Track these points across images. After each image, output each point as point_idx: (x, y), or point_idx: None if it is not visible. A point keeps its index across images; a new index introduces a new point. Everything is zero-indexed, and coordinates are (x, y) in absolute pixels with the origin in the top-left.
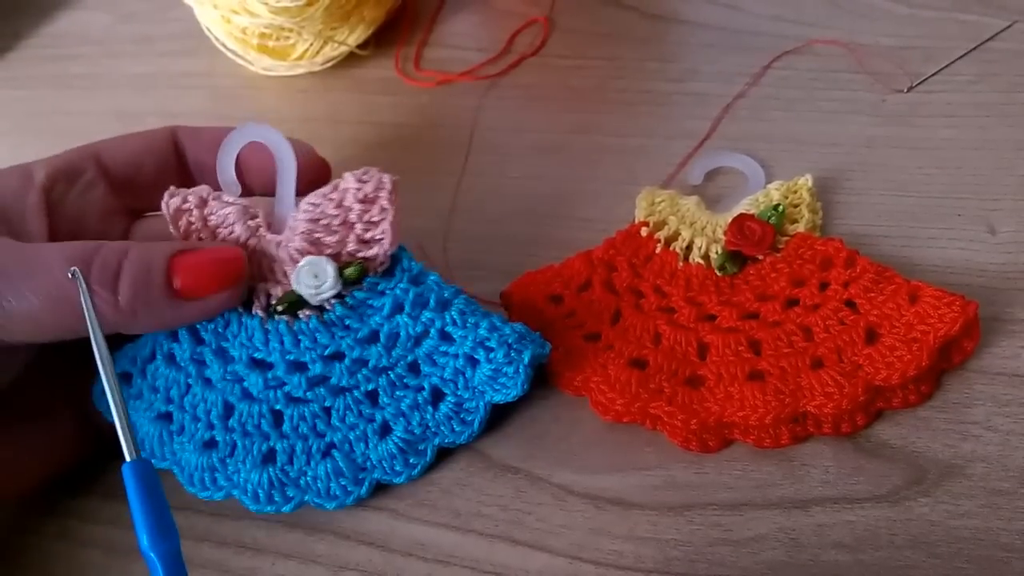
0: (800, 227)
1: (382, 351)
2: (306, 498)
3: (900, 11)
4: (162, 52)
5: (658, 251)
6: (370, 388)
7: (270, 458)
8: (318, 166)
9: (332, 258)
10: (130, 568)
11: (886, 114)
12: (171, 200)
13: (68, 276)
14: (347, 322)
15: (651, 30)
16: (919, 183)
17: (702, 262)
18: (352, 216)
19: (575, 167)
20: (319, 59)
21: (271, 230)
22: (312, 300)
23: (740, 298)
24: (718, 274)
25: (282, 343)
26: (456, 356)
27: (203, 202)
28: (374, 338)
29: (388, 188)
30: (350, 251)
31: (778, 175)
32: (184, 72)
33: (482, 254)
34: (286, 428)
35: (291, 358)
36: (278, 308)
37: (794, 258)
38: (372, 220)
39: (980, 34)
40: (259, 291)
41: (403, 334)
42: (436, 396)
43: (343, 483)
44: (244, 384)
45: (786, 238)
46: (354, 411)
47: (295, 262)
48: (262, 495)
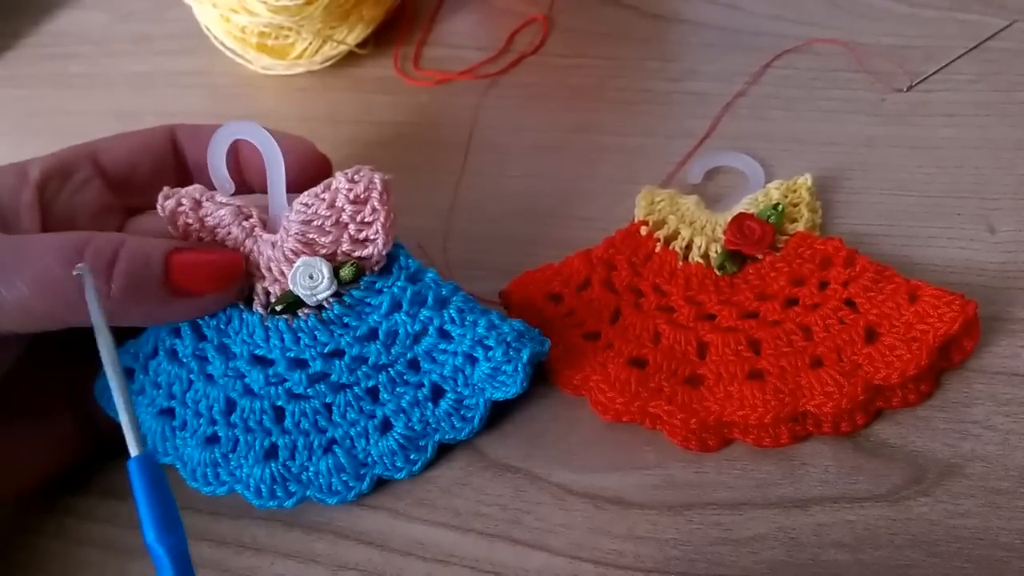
0: (800, 226)
1: (381, 348)
2: (308, 493)
3: (900, 10)
4: (161, 51)
5: (657, 250)
6: (370, 385)
7: (272, 453)
8: (318, 162)
9: (327, 258)
10: (127, 566)
11: (886, 113)
12: (166, 202)
13: (58, 265)
14: (346, 320)
15: (651, 29)
16: (919, 182)
17: (701, 261)
18: (344, 216)
19: (575, 166)
20: (318, 58)
21: (267, 229)
22: (309, 300)
23: (739, 297)
24: (718, 273)
25: (282, 340)
26: (455, 354)
27: (197, 204)
28: (373, 336)
29: (379, 188)
30: (344, 251)
31: (778, 174)
32: (183, 71)
33: (481, 253)
34: (288, 424)
35: (291, 355)
36: (276, 308)
37: (794, 257)
38: (365, 220)
39: (980, 33)
40: (259, 289)
41: (402, 332)
42: (436, 393)
43: (344, 478)
44: (246, 380)
45: (786, 237)
46: (355, 407)
47: (291, 262)
48: (264, 490)
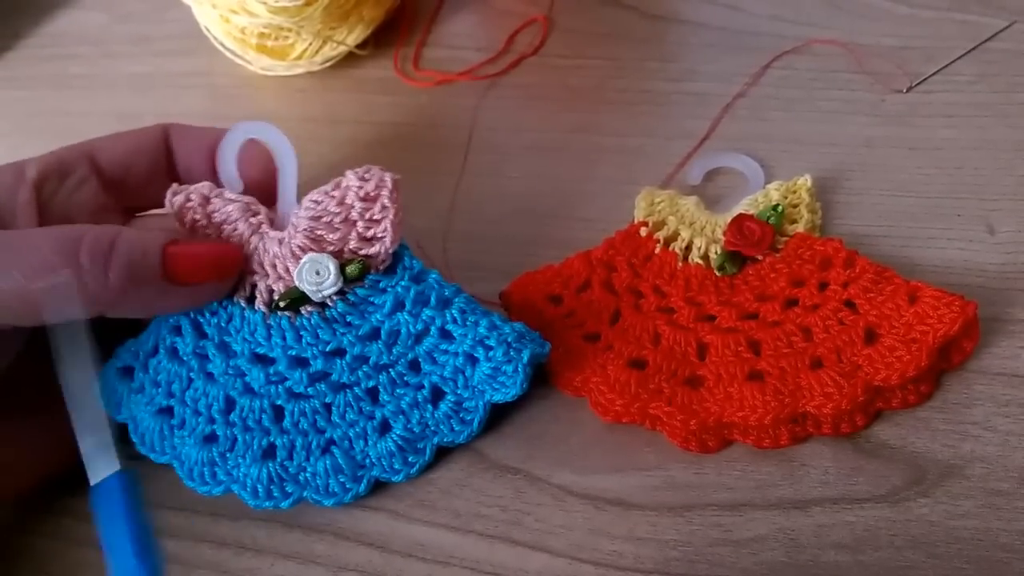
0: (799, 227)
1: (383, 348)
2: (305, 494)
3: (899, 11)
4: (161, 52)
5: (657, 251)
6: (370, 385)
7: (270, 453)
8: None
9: (334, 255)
10: None
11: (885, 114)
12: (175, 198)
13: (56, 256)
14: (348, 319)
15: (651, 30)
16: (918, 183)
17: (701, 262)
18: (353, 214)
19: (574, 167)
20: (318, 59)
21: (273, 226)
22: (314, 297)
23: (739, 298)
24: (717, 274)
25: (284, 339)
26: (456, 354)
27: (206, 200)
28: (375, 335)
29: (389, 186)
30: (352, 248)
31: (777, 175)
32: (183, 72)
33: (481, 254)
34: (286, 424)
35: (292, 353)
36: (280, 304)
37: (793, 258)
38: (373, 218)
39: (979, 34)
40: (262, 287)
41: (404, 331)
42: (436, 394)
43: (342, 480)
44: (246, 379)
45: (785, 238)
46: (354, 408)
47: (297, 259)
48: (261, 490)
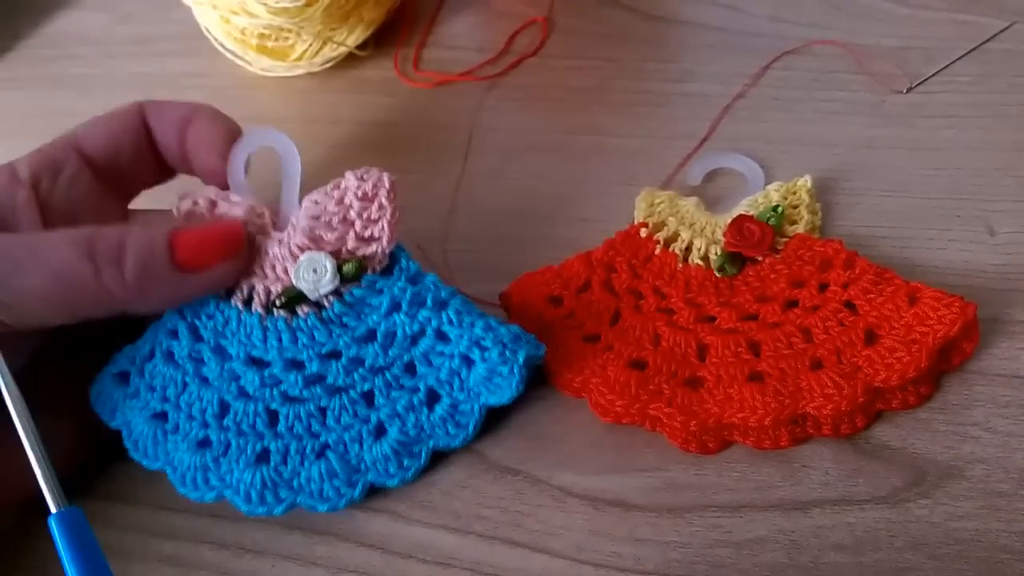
0: (799, 228)
1: (379, 350)
2: (298, 500)
3: (899, 12)
4: (161, 52)
5: (657, 252)
6: (366, 388)
7: (264, 458)
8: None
9: (332, 255)
10: (127, 570)
11: (885, 115)
12: (182, 203)
13: (76, 256)
14: (345, 320)
15: (650, 31)
16: (918, 184)
17: (701, 263)
18: (352, 214)
19: (574, 168)
20: (318, 60)
21: (276, 229)
22: (311, 295)
23: (739, 299)
24: (717, 275)
25: (280, 340)
26: (452, 356)
27: (212, 204)
28: (371, 337)
29: (387, 186)
30: (349, 248)
31: (777, 176)
32: (183, 73)
33: (481, 255)
34: (281, 428)
35: (288, 356)
36: (277, 302)
37: (793, 259)
38: (371, 218)
39: (979, 35)
40: (259, 289)
41: (400, 333)
42: (431, 398)
43: (336, 484)
44: (240, 382)
45: (785, 239)
46: (349, 411)
47: (295, 258)
48: (254, 495)
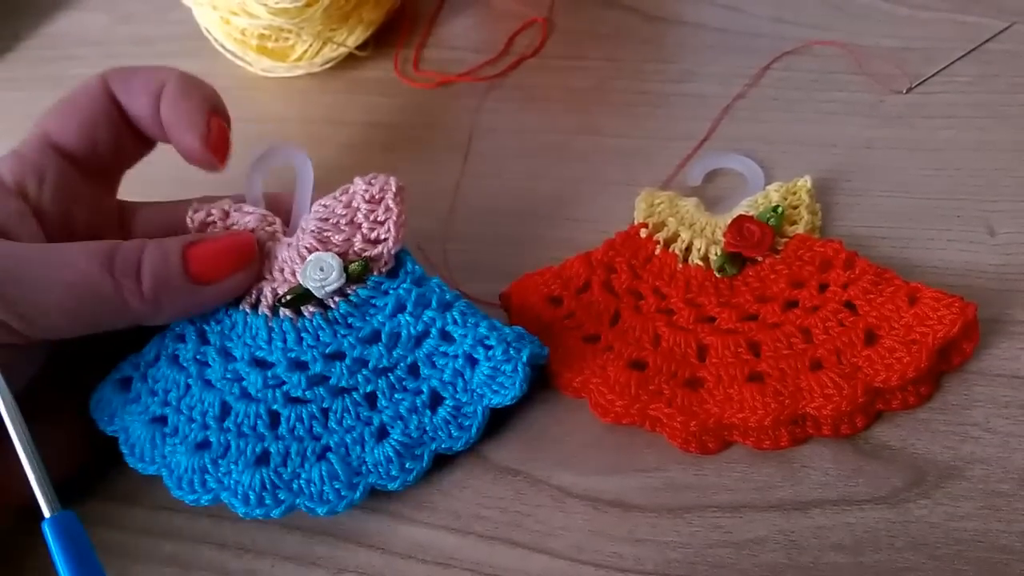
0: (799, 228)
1: (383, 351)
2: (297, 502)
3: (899, 12)
4: (161, 53)
5: (657, 252)
6: (369, 390)
7: (264, 459)
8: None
9: (339, 256)
10: (127, 570)
11: (885, 115)
12: (195, 215)
13: (98, 268)
14: (350, 320)
15: (650, 31)
16: (918, 184)
17: (701, 263)
18: (359, 216)
19: (574, 168)
20: (318, 60)
21: (287, 234)
22: (317, 293)
23: (739, 300)
24: (717, 276)
25: (284, 341)
26: (456, 356)
27: (226, 215)
28: (376, 337)
29: (393, 189)
30: (356, 250)
31: (777, 176)
32: None
33: (481, 255)
34: (282, 430)
35: (292, 356)
36: (283, 300)
37: (793, 260)
38: (378, 220)
39: (979, 35)
40: (266, 291)
41: (404, 334)
42: (435, 400)
43: (337, 487)
44: (243, 383)
45: (785, 239)
46: (352, 413)
47: (303, 260)
48: (253, 497)
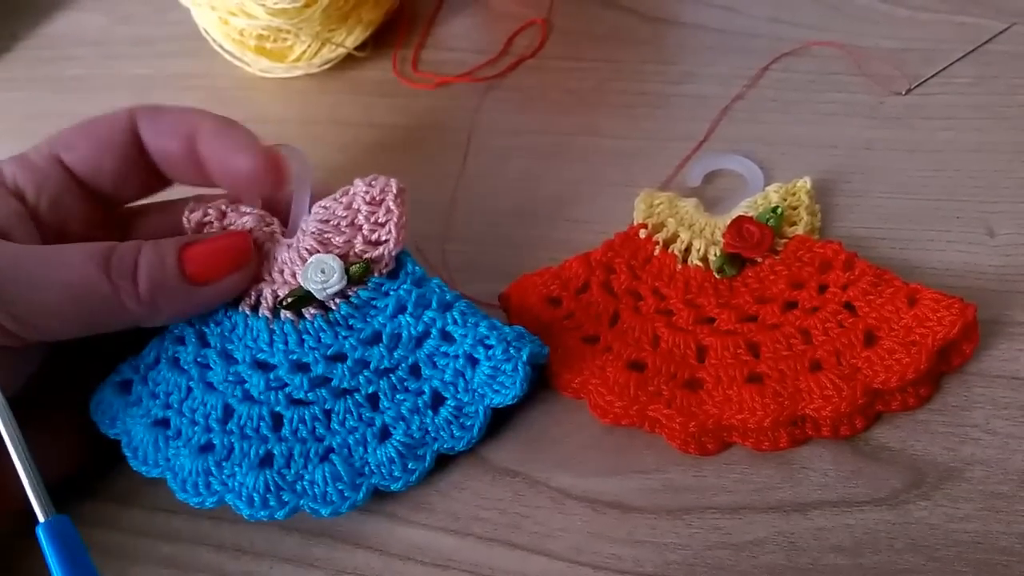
0: (799, 229)
1: (384, 352)
2: (301, 503)
3: (898, 13)
4: (160, 54)
5: (656, 253)
6: (371, 391)
7: (267, 461)
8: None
9: (340, 258)
10: (126, 571)
11: (884, 116)
12: (192, 215)
13: (96, 270)
14: (351, 322)
15: (649, 32)
16: (918, 185)
17: (701, 264)
18: (360, 218)
19: (573, 169)
20: (317, 61)
21: (285, 236)
22: (319, 295)
23: (739, 300)
24: (717, 276)
25: (286, 343)
26: (456, 356)
27: (222, 215)
28: (377, 338)
29: (394, 191)
30: (357, 252)
31: (777, 177)
32: (182, 74)
33: (480, 256)
34: (285, 431)
35: (294, 358)
36: (284, 303)
37: (793, 260)
38: (378, 221)
39: (978, 36)
40: (267, 293)
41: (405, 334)
42: (436, 400)
43: (340, 488)
44: (245, 386)
45: (785, 240)
46: (354, 414)
47: (304, 261)
48: (257, 499)
